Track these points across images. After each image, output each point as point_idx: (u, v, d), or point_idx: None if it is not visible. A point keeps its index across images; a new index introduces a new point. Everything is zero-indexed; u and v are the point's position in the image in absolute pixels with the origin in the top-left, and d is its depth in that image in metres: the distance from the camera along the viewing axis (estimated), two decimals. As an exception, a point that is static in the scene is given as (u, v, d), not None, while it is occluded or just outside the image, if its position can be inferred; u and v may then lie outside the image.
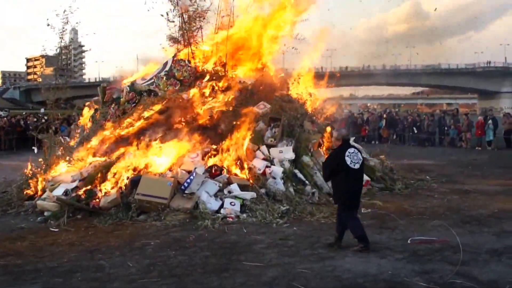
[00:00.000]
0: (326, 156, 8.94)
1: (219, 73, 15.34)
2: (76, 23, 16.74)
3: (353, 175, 8.38)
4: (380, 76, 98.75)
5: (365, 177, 13.92)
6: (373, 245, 8.71)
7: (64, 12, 15.66)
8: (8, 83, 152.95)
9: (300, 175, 12.95)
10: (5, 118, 34.89)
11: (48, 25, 15.95)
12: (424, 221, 10.55)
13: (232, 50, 15.93)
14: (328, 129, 15.50)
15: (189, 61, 15.40)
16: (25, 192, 12.85)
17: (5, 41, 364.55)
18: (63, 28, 15.83)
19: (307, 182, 12.77)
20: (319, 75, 16.96)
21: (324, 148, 14.58)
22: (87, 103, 17.03)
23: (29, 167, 14.47)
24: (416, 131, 32.13)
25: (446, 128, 31.23)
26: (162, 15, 16.38)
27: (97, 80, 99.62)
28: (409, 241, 8.91)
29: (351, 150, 8.48)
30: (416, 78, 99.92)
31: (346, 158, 8.32)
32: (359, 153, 8.56)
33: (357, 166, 8.38)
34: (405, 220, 10.65)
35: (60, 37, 16.10)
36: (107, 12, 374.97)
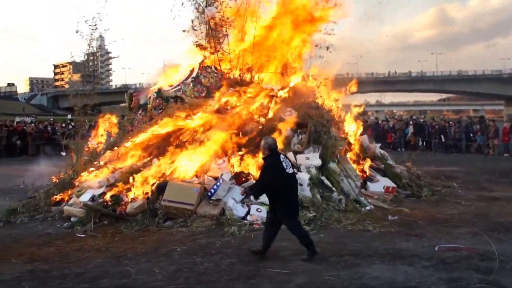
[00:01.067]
0: (263, 168, 8.88)
1: (246, 79, 15.32)
2: (104, 29, 16.88)
3: (290, 180, 8.50)
4: (406, 83, 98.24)
5: (392, 184, 13.88)
6: (400, 252, 8.69)
7: (92, 19, 15.83)
8: (36, 90, 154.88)
9: (326, 182, 12.88)
10: (33, 124, 35.34)
11: (77, 31, 16.14)
12: (452, 228, 10.42)
13: (259, 56, 15.92)
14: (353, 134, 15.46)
15: (216, 68, 15.44)
16: (52, 198, 12.98)
17: (32, 48, 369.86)
18: (91, 35, 16.00)
19: (333, 188, 12.69)
20: (344, 81, 16.87)
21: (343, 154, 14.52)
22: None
23: (57, 173, 14.65)
24: (443, 138, 31.87)
25: (472, 135, 30.93)
26: (184, 31, 16.41)
27: (124, 86, 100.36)
28: (436, 248, 8.83)
29: (282, 156, 8.68)
30: (442, 84, 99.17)
31: (283, 163, 8.47)
32: (287, 159, 8.74)
33: (290, 170, 8.53)
34: (432, 227, 10.54)
35: (88, 44, 16.28)
36: (133, 18, 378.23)
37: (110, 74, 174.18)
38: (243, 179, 12.44)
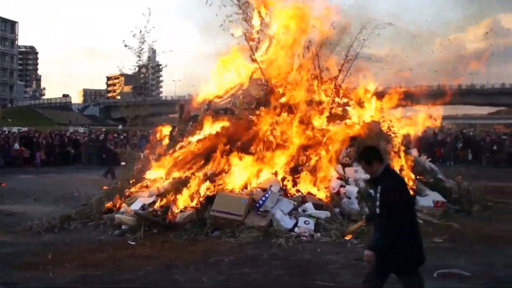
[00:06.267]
0: None
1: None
2: (153, 41, 17.12)
3: None
4: (455, 96, 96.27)
5: (441, 198, 13.65)
6: (451, 269, 8.51)
7: (140, 33, 16.12)
8: (89, 101, 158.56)
9: (375, 195, 12.75)
10: (85, 135, 36.17)
11: (126, 46, 16.47)
12: (504, 246, 10.19)
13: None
14: (403, 148, 15.25)
15: (266, 80, 15.46)
16: (105, 205, 13.23)
17: (87, 61, 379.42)
18: (140, 47, 16.28)
19: (382, 202, 12.56)
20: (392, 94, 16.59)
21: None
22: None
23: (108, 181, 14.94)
24: (495, 152, 31.24)
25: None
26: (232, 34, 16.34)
27: (173, 98, 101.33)
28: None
29: None
30: (493, 97, 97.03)
31: None
32: None
33: None
34: (484, 244, 10.33)
35: (138, 56, 16.56)
36: (181, 32, 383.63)
37: (161, 86, 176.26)
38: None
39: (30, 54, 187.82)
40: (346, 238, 10.33)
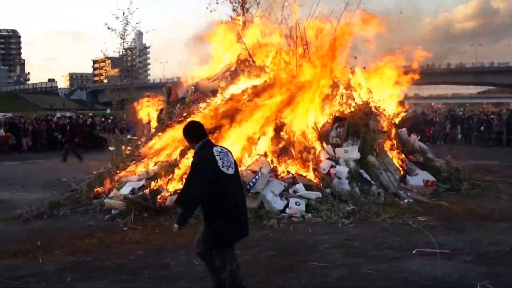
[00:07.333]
0: None
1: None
2: (137, 23, 16.99)
3: None
4: (445, 75, 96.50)
5: (431, 178, 13.73)
6: (440, 246, 8.57)
7: (123, 15, 15.97)
8: (76, 85, 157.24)
9: (365, 175, 12.80)
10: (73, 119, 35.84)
11: (109, 28, 16.32)
12: (492, 223, 10.30)
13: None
14: (393, 130, 15.29)
15: (254, 61, 15.37)
16: (93, 191, 13.15)
17: (73, 44, 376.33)
18: (124, 30, 16.14)
19: (372, 182, 12.60)
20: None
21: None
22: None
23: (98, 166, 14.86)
24: (483, 131, 31.37)
25: (514, 128, 30.34)
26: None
27: (162, 80, 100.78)
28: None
29: None
30: (481, 76, 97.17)
31: None
32: None
33: None
34: (473, 221, 10.43)
35: (122, 39, 16.42)
36: (169, 13, 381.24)
37: (148, 69, 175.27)
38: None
39: (13, 38, 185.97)
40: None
